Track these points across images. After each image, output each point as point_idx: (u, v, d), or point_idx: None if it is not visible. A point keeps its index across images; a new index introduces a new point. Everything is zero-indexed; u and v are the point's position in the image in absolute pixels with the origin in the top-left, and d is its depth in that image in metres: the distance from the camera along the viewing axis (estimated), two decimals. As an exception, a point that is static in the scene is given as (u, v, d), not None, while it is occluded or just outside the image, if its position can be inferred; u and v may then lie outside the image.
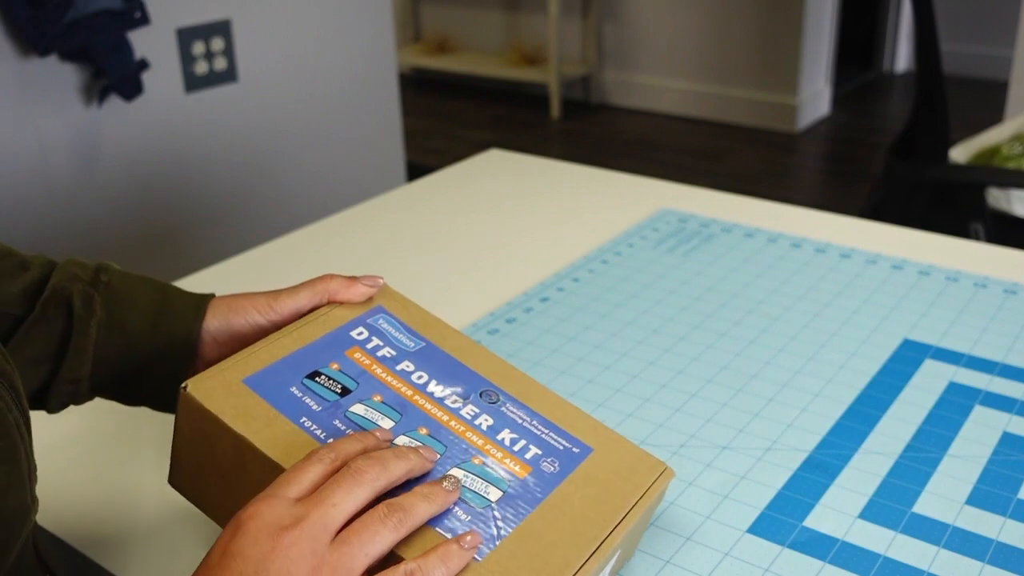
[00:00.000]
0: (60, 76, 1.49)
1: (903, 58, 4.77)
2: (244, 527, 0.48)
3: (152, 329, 0.66)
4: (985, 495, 0.70)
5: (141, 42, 1.56)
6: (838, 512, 0.69)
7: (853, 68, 4.61)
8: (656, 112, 4.29)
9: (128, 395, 0.68)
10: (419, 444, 0.57)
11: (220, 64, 1.71)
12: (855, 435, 0.78)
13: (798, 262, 1.07)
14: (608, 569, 0.58)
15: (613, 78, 4.39)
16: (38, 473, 0.58)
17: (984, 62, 4.50)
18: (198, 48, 1.67)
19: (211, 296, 0.69)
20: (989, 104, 3.62)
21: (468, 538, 0.51)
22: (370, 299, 0.70)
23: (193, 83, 1.68)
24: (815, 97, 4.06)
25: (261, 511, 0.48)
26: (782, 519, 0.69)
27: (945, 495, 0.70)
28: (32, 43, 1.41)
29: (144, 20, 1.51)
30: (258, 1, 1.75)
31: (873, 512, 0.69)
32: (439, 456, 0.57)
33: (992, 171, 1.87)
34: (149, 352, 0.66)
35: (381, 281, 0.69)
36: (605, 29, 4.34)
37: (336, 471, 0.51)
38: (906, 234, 1.14)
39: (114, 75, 1.51)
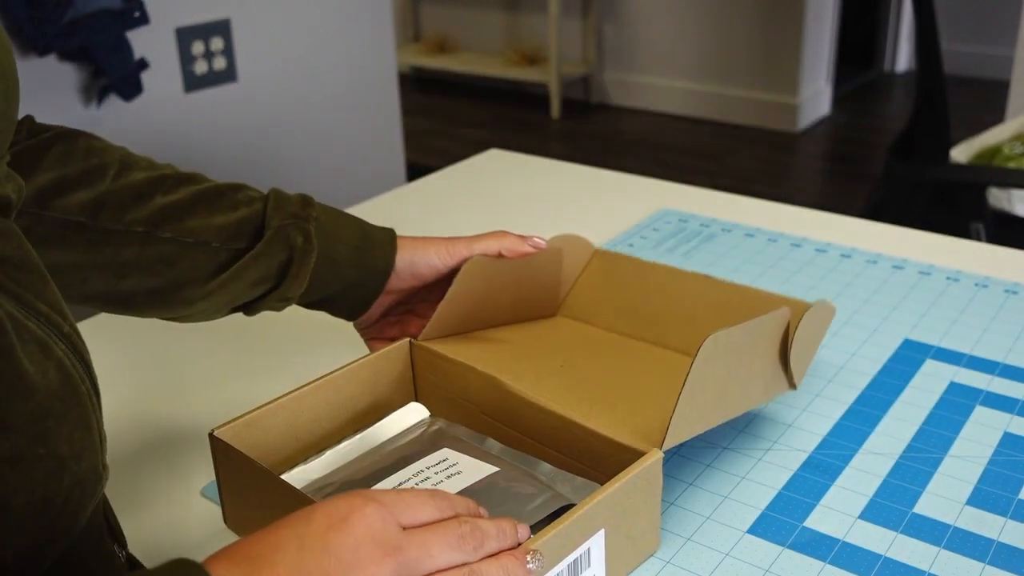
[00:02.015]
0: (59, 76, 1.49)
1: (903, 58, 4.77)
2: (349, 524, 0.47)
3: (357, 261, 0.75)
4: (986, 495, 0.70)
5: (140, 42, 1.56)
6: (838, 513, 0.69)
7: (853, 68, 4.61)
8: (656, 112, 4.29)
9: (322, 308, 0.78)
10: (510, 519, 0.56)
11: (219, 64, 1.71)
12: (856, 435, 0.77)
13: (798, 262, 1.07)
14: (591, 548, 0.58)
15: (613, 78, 4.39)
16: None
17: (985, 62, 4.50)
18: (197, 48, 1.66)
19: (395, 234, 0.78)
20: (990, 104, 3.62)
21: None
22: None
23: (192, 83, 1.68)
24: (815, 97, 4.06)
25: (371, 519, 0.47)
26: (782, 520, 0.69)
27: (946, 495, 0.70)
28: (31, 42, 1.41)
29: (143, 20, 1.51)
30: (258, 1, 1.75)
31: (873, 512, 0.69)
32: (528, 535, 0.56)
33: (993, 171, 1.87)
34: (352, 279, 0.76)
35: (543, 243, 0.81)
36: (605, 29, 4.34)
37: (443, 520, 0.51)
38: (906, 234, 1.14)
39: (113, 75, 1.51)
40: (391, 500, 0.50)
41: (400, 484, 0.63)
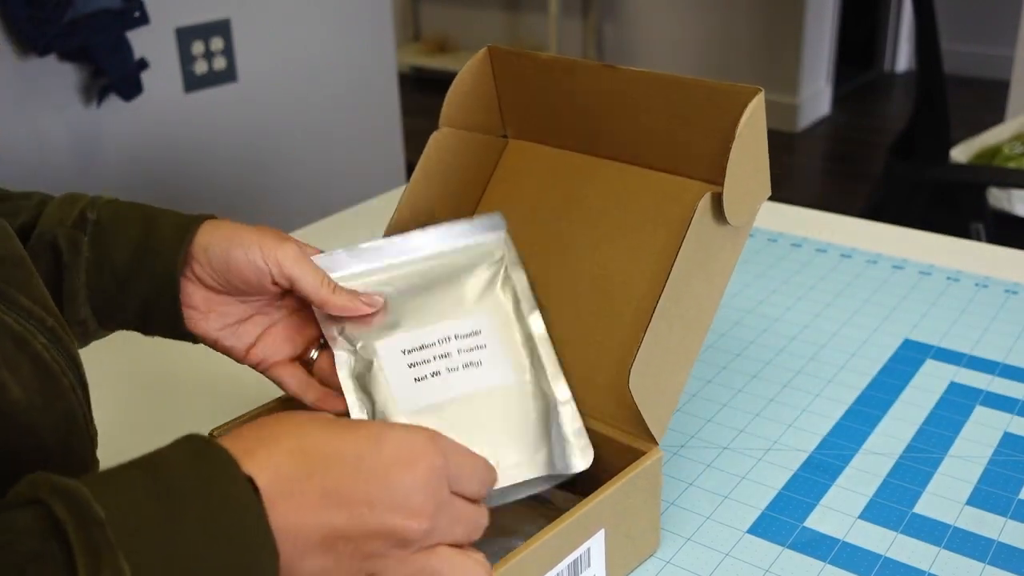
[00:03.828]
0: (59, 76, 1.49)
1: (903, 58, 4.77)
2: (416, 470, 0.46)
3: (139, 261, 0.63)
4: (986, 495, 0.70)
5: (140, 42, 1.55)
6: (839, 512, 0.69)
7: (853, 68, 4.61)
8: (656, 112, 4.28)
9: (141, 326, 0.66)
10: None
11: (219, 64, 1.71)
12: (856, 435, 0.77)
13: (798, 262, 1.07)
14: (591, 548, 0.59)
15: (613, 78, 4.38)
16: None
17: (985, 62, 4.50)
18: (197, 48, 1.66)
19: (201, 219, 0.64)
20: (990, 104, 3.62)
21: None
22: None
23: (192, 83, 1.67)
24: (815, 97, 4.06)
25: (434, 475, 0.47)
26: (783, 519, 0.69)
27: (946, 495, 0.70)
28: (31, 42, 1.41)
29: (143, 20, 1.51)
30: (258, 1, 1.75)
31: (874, 512, 0.69)
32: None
33: (993, 171, 1.87)
34: (143, 284, 0.63)
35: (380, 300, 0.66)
36: (605, 29, 4.34)
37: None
38: (907, 234, 1.14)
39: (113, 75, 1.50)
40: (456, 462, 0.48)
41: (417, 347, 0.64)
